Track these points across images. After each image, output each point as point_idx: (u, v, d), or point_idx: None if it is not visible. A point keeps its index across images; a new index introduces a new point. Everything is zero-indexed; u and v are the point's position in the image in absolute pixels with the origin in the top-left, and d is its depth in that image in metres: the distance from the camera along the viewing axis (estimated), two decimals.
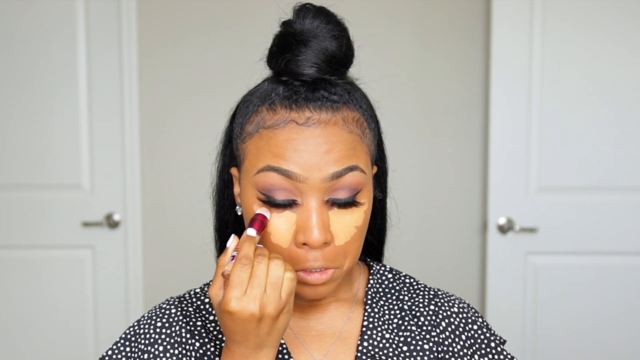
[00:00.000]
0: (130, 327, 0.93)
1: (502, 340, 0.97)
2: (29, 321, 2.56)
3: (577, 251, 2.41)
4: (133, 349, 0.91)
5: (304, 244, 0.80)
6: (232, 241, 0.81)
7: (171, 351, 0.89)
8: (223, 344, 0.89)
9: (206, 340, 0.90)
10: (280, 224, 0.81)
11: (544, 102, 2.37)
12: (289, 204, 0.81)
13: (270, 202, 0.81)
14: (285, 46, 0.82)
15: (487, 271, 2.45)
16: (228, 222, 0.96)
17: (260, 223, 0.80)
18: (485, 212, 2.53)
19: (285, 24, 0.84)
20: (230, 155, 0.91)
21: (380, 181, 0.93)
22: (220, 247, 1.00)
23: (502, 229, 2.40)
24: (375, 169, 0.89)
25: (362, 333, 0.91)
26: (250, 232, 0.80)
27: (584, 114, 2.36)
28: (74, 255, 2.56)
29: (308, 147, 0.79)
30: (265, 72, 0.88)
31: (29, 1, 2.47)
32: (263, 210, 0.81)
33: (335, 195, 0.81)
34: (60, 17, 2.47)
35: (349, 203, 0.82)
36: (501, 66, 2.36)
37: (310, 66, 0.82)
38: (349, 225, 0.82)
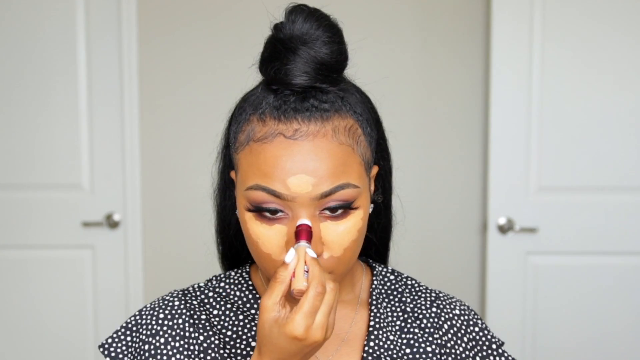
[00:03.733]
0: (132, 316, 0.92)
1: (500, 342, 0.97)
2: (29, 321, 2.56)
3: (577, 251, 2.41)
4: (134, 339, 0.90)
5: None
6: (293, 257, 0.77)
7: (172, 343, 0.88)
8: (227, 338, 0.89)
9: (210, 333, 0.89)
10: (272, 235, 0.80)
11: (544, 102, 2.36)
12: (280, 218, 0.80)
13: (261, 216, 0.80)
14: (274, 54, 0.81)
15: (487, 271, 2.45)
16: (230, 223, 0.95)
17: (308, 234, 0.78)
18: (485, 212, 2.53)
19: (276, 28, 0.82)
20: (230, 157, 0.90)
21: (383, 180, 0.93)
22: (222, 250, 0.99)
23: (502, 229, 2.40)
24: (376, 169, 0.88)
25: (369, 333, 0.90)
26: (311, 253, 0.77)
27: (584, 114, 2.36)
28: (74, 255, 2.56)
29: (295, 164, 0.78)
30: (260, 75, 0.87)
31: (29, 1, 2.46)
32: (303, 220, 0.79)
33: (326, 208, 0.80)
34: (60, 17, 2.47)
35: (341, 214, 0.80)
36: (501, 66, 2.35)
37: (299, 75, 0.79)
38: (342, 236, 0.80)
